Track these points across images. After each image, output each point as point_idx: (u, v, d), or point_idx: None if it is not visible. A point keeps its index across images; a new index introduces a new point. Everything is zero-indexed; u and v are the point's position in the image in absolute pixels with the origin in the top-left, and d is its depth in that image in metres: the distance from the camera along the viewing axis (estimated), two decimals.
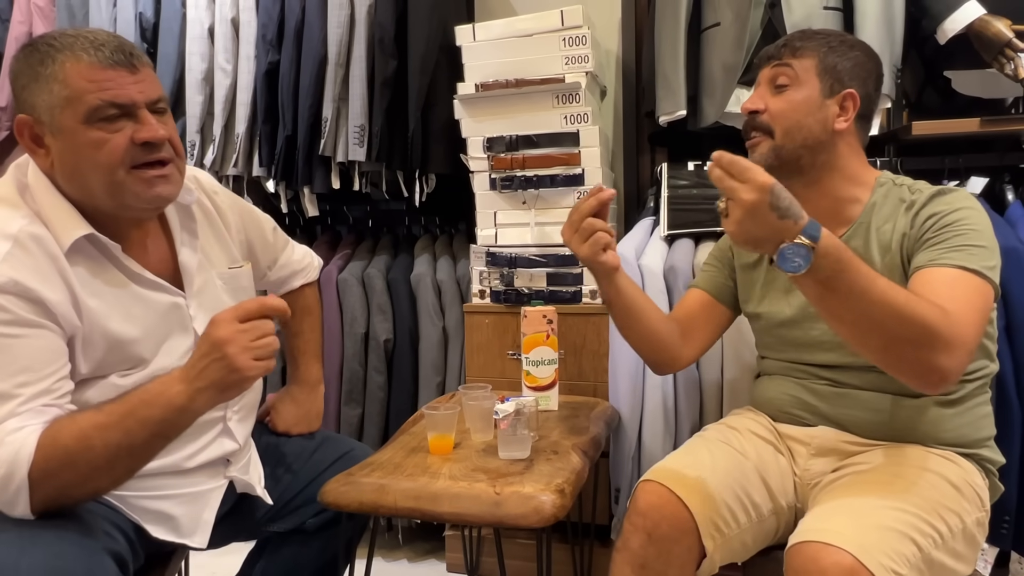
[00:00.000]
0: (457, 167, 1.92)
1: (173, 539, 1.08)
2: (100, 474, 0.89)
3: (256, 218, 1.30)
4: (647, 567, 1.07)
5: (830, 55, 1.16)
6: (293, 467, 1.28)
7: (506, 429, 1.25)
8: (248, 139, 2.01)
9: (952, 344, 0.92)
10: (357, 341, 1.98)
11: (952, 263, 1.01)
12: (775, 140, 1.15)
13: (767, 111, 1.16)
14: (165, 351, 1.05)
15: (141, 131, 0.95)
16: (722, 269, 1.35)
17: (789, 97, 1.15)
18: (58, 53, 0.93)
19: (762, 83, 1.20)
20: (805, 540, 0.91)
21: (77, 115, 0.93)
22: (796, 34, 1.20)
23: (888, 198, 1.16)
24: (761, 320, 1.29)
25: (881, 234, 1.14)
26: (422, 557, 2.06)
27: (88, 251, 0.98)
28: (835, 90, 1.15)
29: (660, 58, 1.78)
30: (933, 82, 1.76)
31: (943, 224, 1.06)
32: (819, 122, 1.15)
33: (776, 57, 1.18)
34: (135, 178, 0.96)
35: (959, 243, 1.03)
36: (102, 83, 0.93)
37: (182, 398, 0.89)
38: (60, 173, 0.97)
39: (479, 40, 1.79)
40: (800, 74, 1.16)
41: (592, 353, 1.78)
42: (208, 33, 2.01)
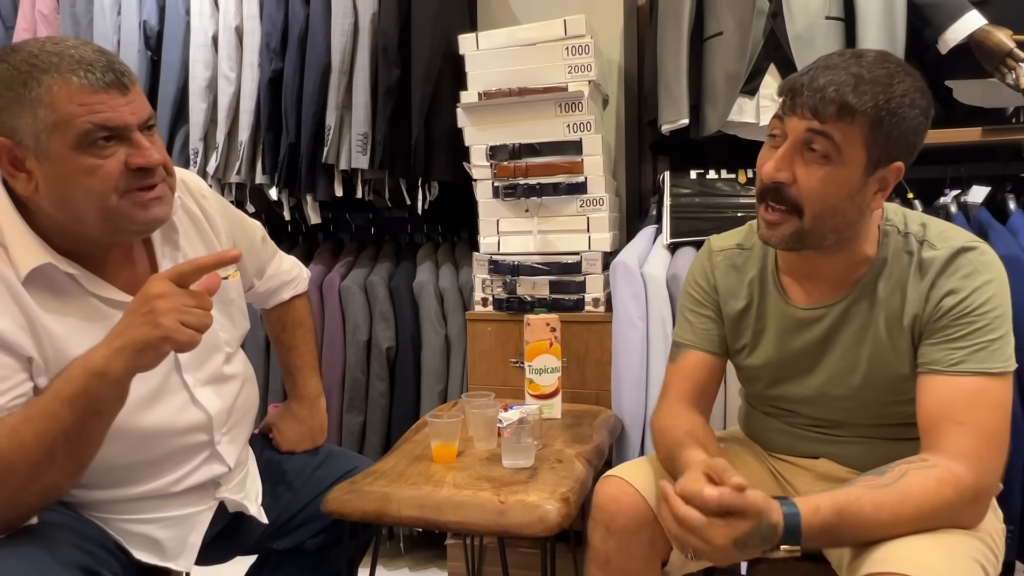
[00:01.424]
0: (460, 175, 1.92)
1: (157, 562, 1.05)
2: (43, 469, 0.85)
3: (246, 225, 1.26)
4: (611, 562, 1.04)
5: (886, 121, 0.91)
6: (294, 485, 1.26)
7: (510, 437, 1.25)
8: (251, 147, 2.01)
9: (979, 499, 0.89)
10: (359, 349, 1.98)
11: (973, 370, 0.92)
12: (802, 222, 0.96)
13: (796, 185, 0.95)
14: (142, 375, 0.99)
15: (135, 156, 0.91)
16: (714, 317, 1.18)
17: (827, 176, 0.93)
18: (43, 75, 0.87)
19: (789, 139, 0.94)
20: (883, 571, 0.83)
21: (67, 141, 0.88)
22: (848, 82, 0.90)
23: (896, 255, 1.01)
24: (749, 371, 1.18)
25: (890, 306, 1.01)
26: (424, 566, 2.06)
27: (51, 278, 0.94)
28: (880, 164, 0.94)
29: (663, 67, 1.79)
30: (935, 92, 1.75)
31: (962, 312, 0.94)
32: (855, 206, 0.96)
33: (818, 115, 0.91)
34: (129, 202, 0.92)
35: (981, 340, 0.93)
36: (92, 106, 0.88)
37: (98, 361, 0.84)
38: (47, 199, 0.91)
39: (482, 49, 1.80)
40: (844, 148, 0.91)
41: (595, 361, 1.78)
42: (212, 41, 2.02)
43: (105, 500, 1.02)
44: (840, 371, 1.07)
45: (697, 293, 1.19)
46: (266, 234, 1.32)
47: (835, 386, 1.08)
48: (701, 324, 1.18)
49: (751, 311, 1.15)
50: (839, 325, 1.06)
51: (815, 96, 0.91)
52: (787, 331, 1.11)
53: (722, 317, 1.18)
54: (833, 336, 1.07)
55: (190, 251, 1.11)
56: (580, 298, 1.78)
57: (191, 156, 2.04)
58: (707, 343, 1.18)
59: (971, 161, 1.70)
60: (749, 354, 1.16)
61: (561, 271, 1.79)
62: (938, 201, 1.68)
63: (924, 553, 0.84)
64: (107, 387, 0.86)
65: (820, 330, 1.07)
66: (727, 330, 1.18)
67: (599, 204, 1.76)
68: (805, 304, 1.08)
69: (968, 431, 0.90)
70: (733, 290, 1.16)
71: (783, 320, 1.11)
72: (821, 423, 1.13)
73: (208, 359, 1.10)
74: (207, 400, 1.08)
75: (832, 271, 1.05)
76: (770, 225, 0.99)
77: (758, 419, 1.23)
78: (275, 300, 1.37)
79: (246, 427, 1.18)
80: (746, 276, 1.15)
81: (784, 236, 0.99)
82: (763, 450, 1.23)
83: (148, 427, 1.01)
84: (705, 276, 1.19)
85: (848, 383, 1.07)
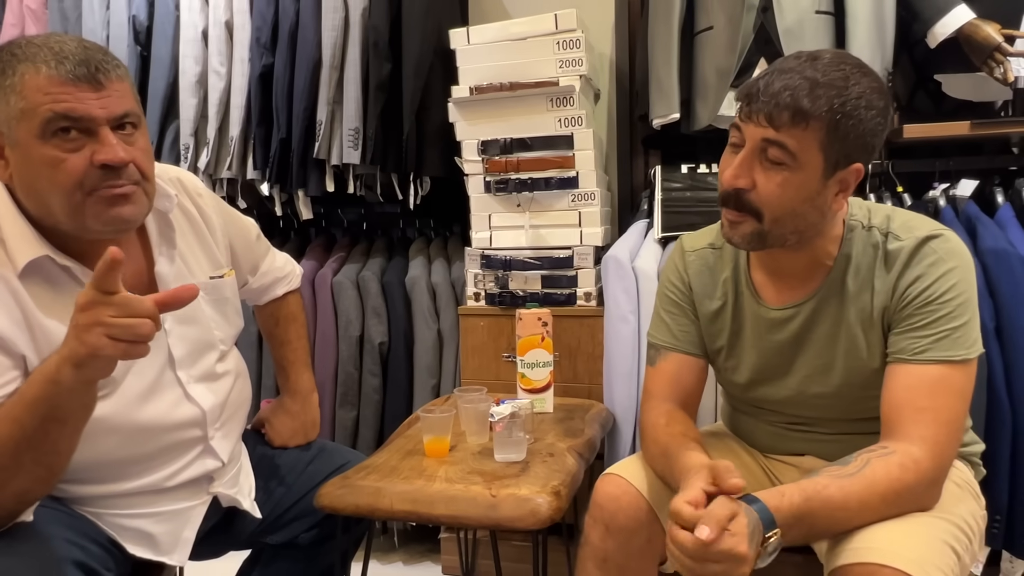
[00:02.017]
0: (451, 170, 1.92)
1: (151, 557, 1.05)
2: (11, 475, 0.83)
3: (240, 223, 1.26)
4: (608, 560, 1.04)
5: (842, 124, 0.91)
6: (287, 480, 1.26)
7: (502, 432, 1.26)
8: (242, 142, 2.01)
9: (937, 481, 0.93)
10: (352, 344, 1.98)
11: (937, 358, 0.94)
12: (762, 224, 0.97)
13: (755, 190, 0.96)
14: (135, 371, 1.00)
15: (100, 152, 0.89)
16: (692, 318, 1.17)
17: (785, 181, 0.94)
18: (19, 64, 0.88)
19: (747, 146, 0.95)
20: (859, 561, 0.85)
21: (31, 129, 0.87)
22: (803, 87, 0.90)
23: (863, 249, 1.02)
24: (729, 375, 1.17)
25: (860, 301, 1.02)
26: (418, 560, 2.06)
27: (47, 271, 0.93)
28: (839, 166, 0.94)
29: (653, 61, 1.79)
30: (924, 85, 1.78)
31: (926, 300, 0.96)
32: (815, 209, 0.97)
33: (772, 122, 0.91)
34: (95, 200, 0.90)
35: (945, 328, 0.95)
36: (57, 96, 0.87)
37: (51, 368, 0.81)
38: (18, 188, 0.92)
39: (473, 43, 1.80)
40: (799, 154, 0.92)
41: (587, 355, 1.78)
42: (202, 36, 2.01)
43: (98, 495, 1.02)
44: (816, 370, 1.07)
45: (672, 293, 1.18)
46: (260, 231, 1.32)
47: (812, 384, 1.08)
48: (679, 326, 1.17)
49: (726, 311, 1.14)
50: (811, 324, 1.06)
51: (769, 103, 0.91)
52: (761, 332, 1.11)
53: (698, 317, 1.17)
54: (805, 335, 1.07)
55: (186, 250, 1.11)
56: (572, 292, 1.79)
57: (182, 151, 2.03)
58: (687, 345, 1.16)
59: (960, 155, 1.71)
60: (728, 357, 1.15)
61: (553, 266, 1.79)
62: (927, 195, 1.69)
63: (896, 541, 0.86)
64: (63, 395, 0.82)
65: (792, 329, 1.08)
66: (703, 330, 1.17)
67: (590, 199, 1.76)
68: (776, 304, 1.09)
69: (928, 417, 0.92)
70: (707, 290, 1.16)
71: (757, 321, 1.11)
72: (802, 421, 1.13)
73: (202, 357, 1.10)
74: (200, 396, 1.08)
75: (798, 268, 1.06)
76: (732, 225, 1.01)
77: (741, 420, 1.23)
78: (268, 296, 1.37)
79: (239, 422, 1.19)
80: (720, 276, 1.15)
81: (745, 235, 1.00)
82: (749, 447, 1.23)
83: (142, 422, 1.02)
84: (679, 276, 1.18)
85: (825, 381, 1.07)
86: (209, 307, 1.13)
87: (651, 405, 1.14)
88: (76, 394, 0.82)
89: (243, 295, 1.31)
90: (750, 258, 1.12)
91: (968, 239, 1.53)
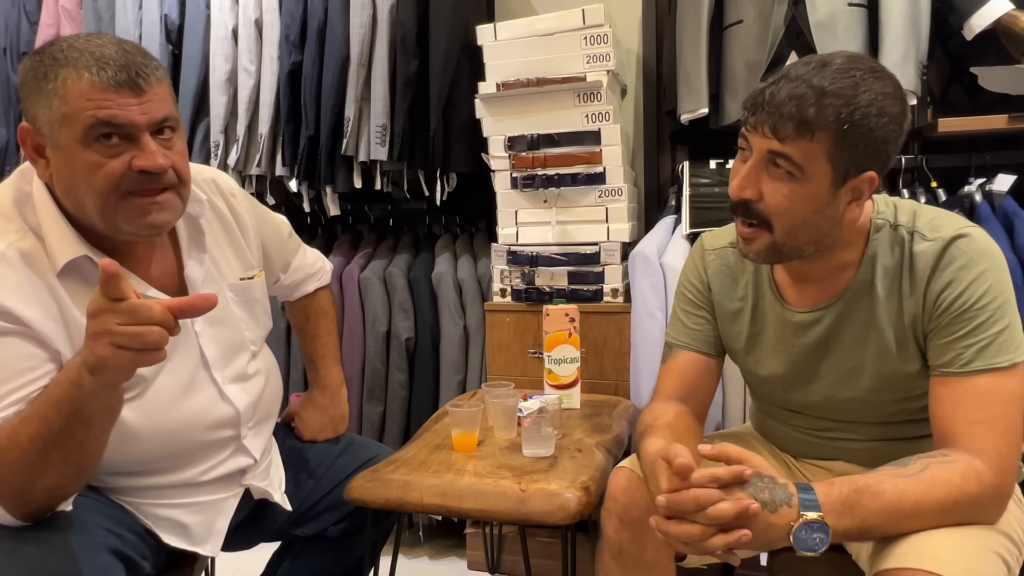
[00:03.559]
0: (478, 166, 1.93)
1: (185, 546, 1.07)
2: (40, 472, 0.84)
3: (273, 221, 1.28)
4: (623, 551, 1.04)
5: (850, 133, 0.88)
6: (316, 472, 1.27)
7: (530, 426, 1.26)
8: (271, 139, 2.03)
9: (1002, 497, 0.88)
10: (379, 339, 1.99)
11: (983, 367, 0.90)
12: (774, 236, 0.95)
13: (763, 201, 0.94)
14: (168, 370, 1.02)
15: (140, 159, 0.90)
16: (708, 316, 1.16)
17: (792, 192, 0.92)
18: (61, 68, 0.89)
19: (753, 155, 0.93)
20: (904, 567, 0.83)
21: (74, 134, 0.89)
22: (809, 96, 0.88)
23: (890, 249, 0.99)
24: (756, 379, 1.16)
25: (889, 304, 0.99)
26: (443, 555, 2.07)
27: (85, 270, 0.95)
28: (850, 176, 0.91)
29: (682, 56, 1.78)
30: (959, 79, 1.74)
31: (962, 307, 0.92)
32: (827, 219, 0.94)
33: (776, 133, 0.89)
34: (129, 205, 0.92)
35: (986, 334, 0.91)
36: (100, 102, 0.88)
37: (73, 372, 0.82)
38: (58, 187, 0.94)
39: (500, 39, 1.80)
40: (806, 165, 0.90)
41: (614, 352, 1.78)
42: (232, 34, 2.03)
43: (135, 487, 1.04)
44: (844, 374, 1.05)
45: (690, 292, 1.18)
46: (292, 229, 1.34)
47: (841, 389, 1.06)
48: (693, 324, 1.16)
49: (745, 312, 1.12)
50: (838, 327, 1.04)
51: (774, 114, 0.89)
52: (786, 335, 1.08)
53: (716, 317, 1.16)
54: (833, 338, 1.05)
55: (216, 253, 1.12)
56: (599, 288, 1.78)
57: (212, 149, 2.06)
58: (699, 343, 1.16)
59: (996, 149, 1.68)
60: (750, 358, 1.14)
61: (580, 261, 1.79)
62: (963, 190, 1.65)
63: (944, 548, 0.83)
64: (85, 397, 0.82)
65: (819, 333, 1.05)
66: (721, 330, 1.16)
67: (618, 194, 1.76)
68: (801, 307, 1.06)
69: (984, 430, 0.88)
70: (727, 291, 1.14)
71: (780, 324, 1.09)
72: (831, 427, 1.11)
73: (234, 358, 1.12)
74: (235, 396, 1.10)
75: (823, 270, 1.03)
76: (746, 241, 0.99)
77: (770, 425, 1.22)
78: (300, 292, 1.39)
79: (271, 419, 1.20)
80: (741, 277, 1.13)
81: (759, 251, 0.98)
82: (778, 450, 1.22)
83: (177, 422, 1.03)
84: (698, 275, 1.17)
85: (855, 386, 1.05)
86: (239, 308, 1.14)
87: (652, 404, 1.14)
88: (98, 397, 0.83)
89: (275, 291, 1.33)
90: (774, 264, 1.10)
91: (1005, 235, 1.50)
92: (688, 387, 1.14)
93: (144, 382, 1.00)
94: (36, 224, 0.94)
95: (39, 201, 0.95)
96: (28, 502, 0.87)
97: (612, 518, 1.05)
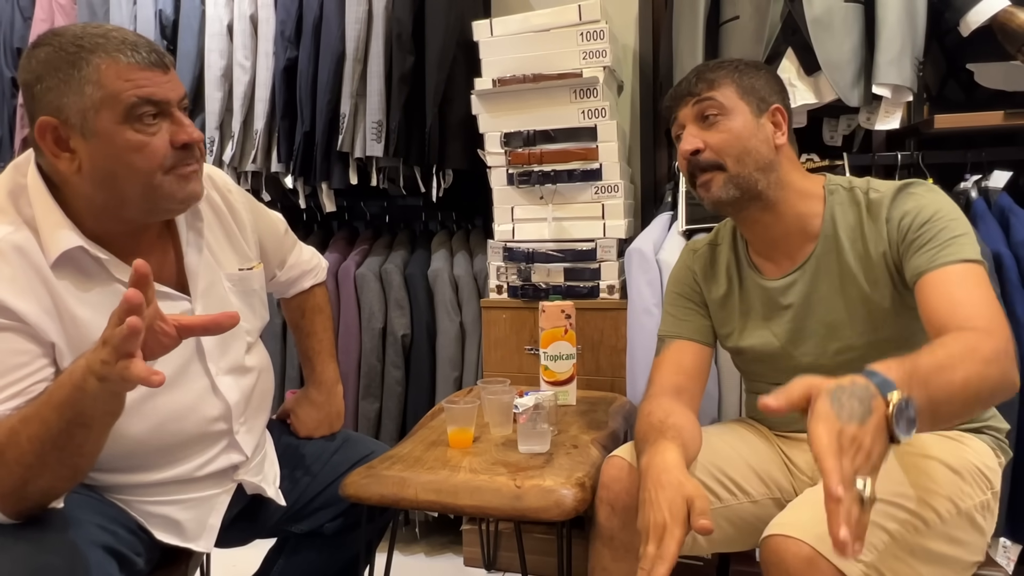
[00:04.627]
0: (474, 162, 1.92)
1: (178, 543, 1.07)
2: (36, 473, 0.84)
3: (269, 218, 1.28)
4: (615, 538, 1.08)
5: (744, 77, 1.12)
6: (312, 469, 1.27)
7: (526, 423, 1.26)
8: (267, 135, 2.02)
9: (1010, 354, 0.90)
10: (375, 336, 1.99)
11: (952, 259, 0.99)
12: (728, 171, 1.10)
13: (708, 148, 1.11)
14: (164, 362, 1.00)
15: (179, 133, 0.95)
16: (698, 308, 1.26)
17: (727, 126, 1.10)
18: (91, 55, 0.90)
19: (687, 123, 1.14)
20: (771, 534, 0.91)
21: (115, 116, 0.91)
22: (700, 67, 1.16)
23: (846, 205, 1.12)
24: (746, 353, 1.22)
25: (854, 246, 1.10)
26: (440, 551, 2.07)
27: (80, 261, 0.95)
28: (763, 108, 1.12)
29: (678, 52, 1.77)
30: (955, 75, 1.74)
31: (921, 222, 1.03)
32: (763, 142, 1.11)
33: (693, 93, 1.12)
34: (172, 178, 0.95)
35: (947, 237, 1.01)
36: (138, 81, 0.91)
37: (78, 375, 0.81)
38: (90, 178, 0.93)
39: (496, 35, 1.79)
40: (725, 102, 1.11)
41: (610, 348, 1.78)
42: (227, 30, 2.02)
43: (127, 484, 1.04)
44: (830, 326, 1.12)
45: (679, 288, 1.28)
46: (288, 226, 1.34)
47: (831, 341, 1.12)
48: (683, 315, 1.26)
49: (733, 294, 1.22)
50: (815, 283, 1.12)
51: (687, 86, 1.14)
52: (771, 306, 1.17)
53: (707, 306, 1.25)
54: (812, 295, 1.13)
55: (213, 241, 1.12)
56: (595, 285, 1.78)
57: (207, 145, 2.05)
58: (690, 332, 1.24)
59: (992, 145, 1.68)
60: (740, 335, 1.21)
61: (576, 258, 1.78)
62: (958, 186, 1.66)
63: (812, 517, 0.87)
64: (87, 401, 0.82)
65: (799, 293, 1.14)
66: (713, 317, 1.25)
67: (614, 191, 1.75)
68: (780, 275, 1.16)
69: (967, 306, 0.94)
70: (712, 280, 1.25)
71: (765, 295, 1.17)
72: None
73: (230, 348, 1.11)
74: (227, 389, 1.09)
75: (790, 237, 1.14)
76: (705, 187, 1.12)
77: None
78: (296, 289, 1.38)
79: (263, 416, 1.20)
80: (721, 266, 1.24)
81: (720, 186, 1.10)
82: (767, 429, 1.25)
83: (168, 411, 1.03)
84: (687, 270, 1.28)
85: (842, 335, 1.11)
86: (236, 298, 1.14)
87: (646, 398, 1.17)
88: (100, 401, 0.83)
89: (271, 288, 1.33)
90: (748, 243, 1.21)
91: (1001, 232, 1.50)
92: (682, 375, 1.20)
93: None
94: (31, 216, 0.94)
95: (34, 193, 0.95)
96: (21, 500, 0.86)
97: (604, 506, 1.09)
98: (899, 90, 1.60)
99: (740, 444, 1.19)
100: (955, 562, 0.98)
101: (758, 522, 1.14)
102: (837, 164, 1.69)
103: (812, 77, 1.65)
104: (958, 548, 0.98)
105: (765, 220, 1.14)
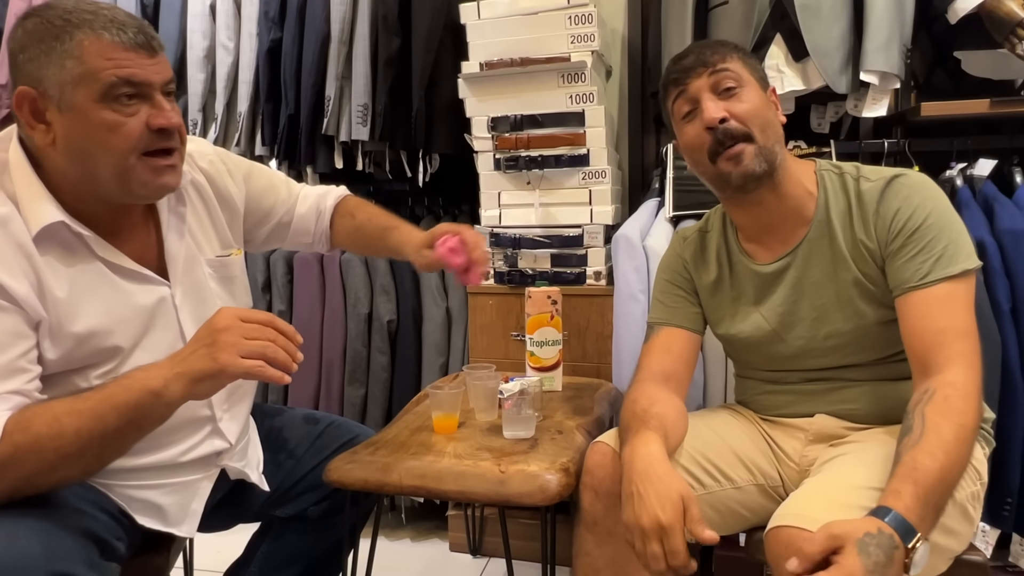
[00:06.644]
0: (461, 147, 1.91)
1: (160, 528, 1.06)
2: (68, 463, 0.86)
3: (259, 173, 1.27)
4: (598, 524, 1.08)
5: (745, 55, 1.13)
6: (295, 453, 1.27)
7: (511, 409, 1.26)
8: (250, 118, 2.00)
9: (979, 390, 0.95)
10: (360, 322, 1.98)
11: (939, 276, 1.00)
12: (758, 142, 1.07)
13: (734, 116, 1.07)
14: (145, 346, 1.01)
15: (157, 117, 0.93)
16: (688, 296, 1.26)
17: (748, 96, 1.08)
18: (76, 30, 0.89)
19: (702, 94, 1.09)
20: (778, 525, 0.91)
21: (92, 93, 0.90)
22: (707, 43, 1.14)
23: (838, 190, 1.12)
24: (737, 341, 1.22)
25: (845, 231, 1.10)
26: (425, 536, 2.08)
27: (62, 237, 0.94)
28: (764, 85, 1.13)
29: (667, 37, 1.76)
30: (942, 63, 1.74)
31: (912, 228, 1.03)
32: (774, 115, 1.11)
33: (708, 63, 1.09)
34: (145, 165, 0.94)
35: (936, 248, 1.01)
36: (120, 61, 0.90)
37: (158, 381, 0.87)
38: (64, 152, 0.92)
39: (484, 18, 1.77)
40: (740, 72, 1.09)
41: (596, 334, 1.77)
42: (210, 10, 1.99)
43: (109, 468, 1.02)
44: (821, 310, 1.12)
45: (669, 276, 1.28)
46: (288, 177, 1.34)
47: (822, 325, 1.12)
48: (673, 302, 1.26)
49: (724, 280, 1.22)
50: (806, 267, 1.13)
51: (697, 60, 1.10)
52: (762, 291, 1.17)
53: (697, 294, 1.25)
54: (804, 279, 1.13)
55: (196, 225, 1.11)
56: (581, 271, 1.78)
57: (189, 127, 2.03)
58: (679, 319, 1.24)
59: (978, 134, 1.68)
60: (732, 322, 1.20)
61: (563, 244, 1.78)
62: (944, 174, 1.66)
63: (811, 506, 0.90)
64: (159, 408, 0.88)
65: (791, 278, 1.14)
66: (704, 305, 1.25)
67: (601, 177, 1.75)
68: (771, 260, 1.16)
69: (949, 336, 0.97)
70: (703, 266, 1.25)
71: (757, 280, 1.17)
72: (817, 375, 1.15)
73: None
74: None
75: (783, 221, 1.14)
76: (736, 160, 1.07)
77: (753, 385, 1.26)
78: (324, 216, 1.35)
79: (246, 404, 1.19)
80: (711, 253, 1.24)
81: (752, 157, 1.07)
82: (754, 414, 1.25)
83: None
84: (677, 257, 1.28)
85: (832, 319, 1.11)
86: (216, 284, 1.13)
87: (633, 384, 1.17)
88: (171, 408, 0.89)
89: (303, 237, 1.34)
90: (737, 229, 1.21)
91: (985, 219, 1.51)
92: (671, 359, 1.20)
93: (120, 354, 0.99)
94: (12, 191, 0.93)
95: (15, 167, 0.94)
96: (28, 487, 0.86)
97: (587, 491, 1.10)
98: (886, 77, 1.60)
99: (725, 430, 1.19)
100: (945, 551, 0.99)
101: (741, 508, 1.15)
102: (824, 151, 1.69)
103: (800, 63, 1.65)
104: (950, 538, 0.99)
105: (768, 201, 1.12)
